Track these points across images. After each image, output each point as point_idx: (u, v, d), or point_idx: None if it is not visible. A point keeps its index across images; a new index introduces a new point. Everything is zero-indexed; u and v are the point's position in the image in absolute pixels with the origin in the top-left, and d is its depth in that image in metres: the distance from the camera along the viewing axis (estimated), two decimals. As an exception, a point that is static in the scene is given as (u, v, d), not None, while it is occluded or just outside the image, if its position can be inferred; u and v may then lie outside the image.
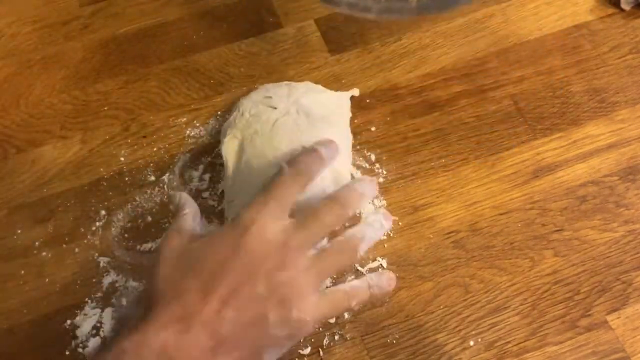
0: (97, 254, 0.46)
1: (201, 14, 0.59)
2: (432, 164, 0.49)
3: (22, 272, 0.46)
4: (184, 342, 0.34)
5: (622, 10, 0.57)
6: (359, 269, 0.45)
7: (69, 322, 0.44)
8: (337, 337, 0.42)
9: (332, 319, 0.43)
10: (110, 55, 0.57)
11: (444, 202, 0.48)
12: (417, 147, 0.50)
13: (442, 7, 0.45)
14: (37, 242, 0.47)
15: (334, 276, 0.44)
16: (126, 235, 0.47)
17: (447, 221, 0.47)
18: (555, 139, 0.50)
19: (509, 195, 0.48)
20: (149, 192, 0.49)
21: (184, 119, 0.53)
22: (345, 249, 0.38)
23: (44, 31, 0.59)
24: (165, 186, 0.49)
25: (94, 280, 0.45)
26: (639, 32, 0.56)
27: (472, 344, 0.42)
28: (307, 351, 0.42)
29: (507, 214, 0.47)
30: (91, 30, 0.59)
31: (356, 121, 0.51)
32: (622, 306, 0.43)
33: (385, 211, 0.41)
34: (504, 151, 0.50)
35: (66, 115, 0.54)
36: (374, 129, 0.51)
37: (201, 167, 0.50)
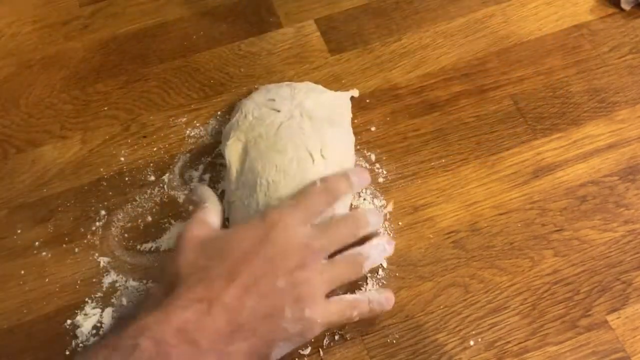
0: (97, 254, 0.46)
1: (201, 14, 0.59)
2: (432, 164, 0.49)
3: (22, 272, 0.46)
4: (203, 322, 0.35)
5: (622, 10, 0.57)
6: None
7: (69, 322, 0.44)
8: (337, 337, 0.42)
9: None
10: (110, 55, 0.57)
11: (444, 202, 0.48)
12: (417, 147, 0.50)
13: None
14: (37, 242, 0.47)
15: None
16: (126, 235, 0.47)
17: (447, 221, 0.47)
18: (555, 139, 0.50)
19: (508, 195, 0.48)
20: (149, 192, 0.49)
21: (184, 119, 0.53)
22: (353, 262, 0.41)
23: (44, 31, 0.59)
24: (165, 186, 0.49)
25: (94, 280, 0.45)
26: (639, 32, 0.56)
27: (472, 343, 0.42)
28: (307, 351, 0.42)
29: (507, 214, 0.47)
30: (91, 30, 0.59)
31: (356, 121, 0.51)
32: (622, 306, 0.43)
33: (388, 237, 0.44)
34: (504, 151, 0.50)
35: (66, 115, 0.54)
36: (374, 129, 0.51)
37: (201, 167, 0.50)
